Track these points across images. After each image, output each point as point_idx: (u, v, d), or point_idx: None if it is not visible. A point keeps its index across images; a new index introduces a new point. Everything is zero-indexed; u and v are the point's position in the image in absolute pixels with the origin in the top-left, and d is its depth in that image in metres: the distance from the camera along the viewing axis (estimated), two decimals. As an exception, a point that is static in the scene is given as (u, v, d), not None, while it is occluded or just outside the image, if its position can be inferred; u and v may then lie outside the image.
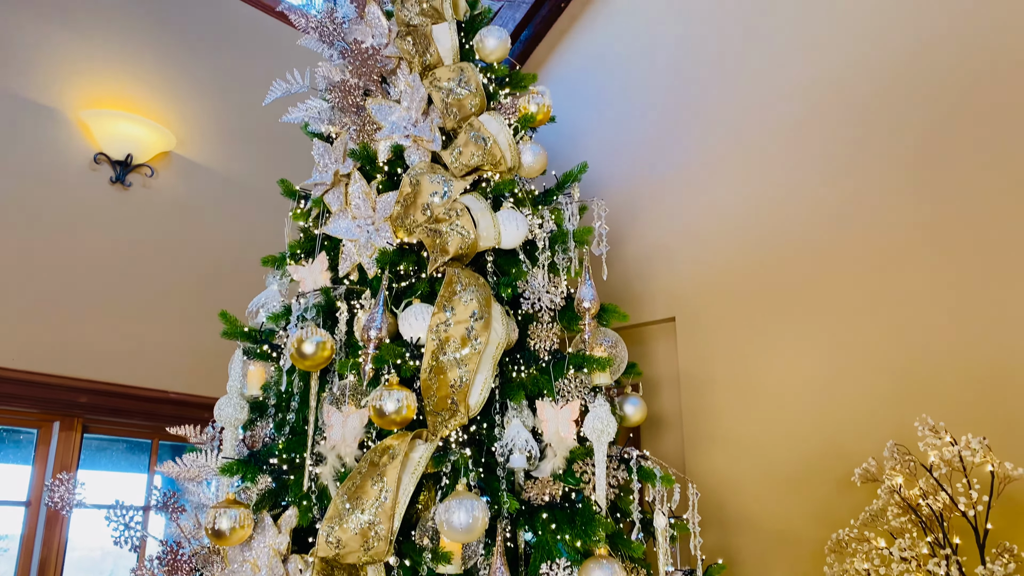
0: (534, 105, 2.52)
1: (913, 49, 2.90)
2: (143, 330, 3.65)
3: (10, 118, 3.38)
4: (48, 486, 2.09)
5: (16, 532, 3.30)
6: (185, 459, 2.21)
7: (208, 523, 1.92)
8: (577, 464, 2.13)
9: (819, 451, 2.88)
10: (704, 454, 3.28)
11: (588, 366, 2.24)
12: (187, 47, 4.01)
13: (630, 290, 3.67)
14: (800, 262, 3.09)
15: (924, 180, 2.77)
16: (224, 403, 2.16)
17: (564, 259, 2.40)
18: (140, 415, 3.66)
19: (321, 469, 2.03)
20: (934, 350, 2.61)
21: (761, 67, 3.39)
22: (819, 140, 3.13)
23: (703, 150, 3.55)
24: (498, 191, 2.35)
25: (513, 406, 2.18)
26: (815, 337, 2.98)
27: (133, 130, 3.65)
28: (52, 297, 3.39)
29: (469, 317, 2.04)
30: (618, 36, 4.04)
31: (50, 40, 3.54)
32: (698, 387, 3.38)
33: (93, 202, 3.59)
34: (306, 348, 2.04)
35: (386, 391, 1.93)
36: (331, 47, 2.51)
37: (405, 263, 2.26)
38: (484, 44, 2.58)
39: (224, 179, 4.04)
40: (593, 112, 4.05)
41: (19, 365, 3.28)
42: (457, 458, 1.95)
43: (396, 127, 2.36)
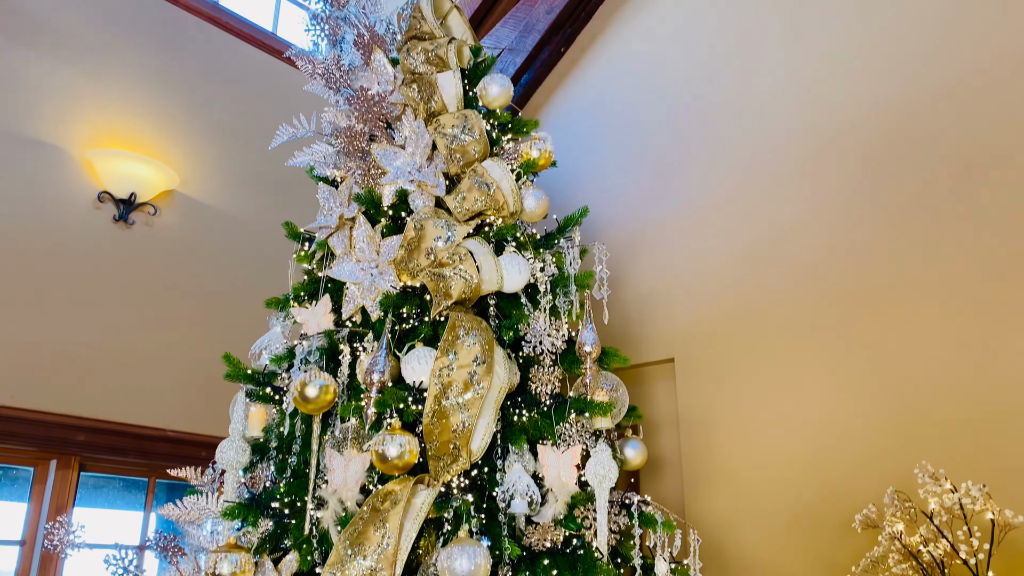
0: (536, 151, 2.57)
1: (914, 96, 2.95)
2: (142, 368, 3.64)
3: (17, 156, 3.41)
4: (47, 528, 2.08)
5: (10, 570, 3.26)
6: (185, 501, 2.20)
7: (209, 568, 1.91)
8: (578, 509, 2.13)
9: (819, 495, 2.87)
10: (704, 496, 3.28)
11: (590, 410, 2.25)
12: (192, 88, 4.06)
13: (629, 331, 3.69)
14: (799, 306, 3.12)
15: (923, 229, 2.81)
16: (226, 446, 2.16)
17: (565, 302, 2.42)
18: (137, 453, 3.64)
19: (322, 513, 2.02)
20: (934, 395, 2.62)
21: (759, 113, 3.45)
22: (817, 186, 3.17)
23: (702, 194, 3.59)
24: (501, 235, 2.38)
25: (514, 450, 2.19)
26: (814, 381, 3.00)
27: (137, 169, 3.69)
28: (52, 334, 3.39)
29: (472, 361, 2.05)
30: (617, 80, 4.11)
31: (58, 79, 3.58)
32: (697, 429, 3.39)
33: (95, 240, 3.61)
34: (309, 392, 2.05)
35: (389, 436, 1.94)
36: (337, 93, 2.55)
37: (408, 306, 2.28)
38: (487, 91, 2.63)
39: (227, 219, 4.07)
40: (592, 155, 4.11)
41: (17, 403, 3.27)
42: (459, 504, 1.95)
43: (401, 172, 2.39)
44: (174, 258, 3.85)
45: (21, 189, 3.40)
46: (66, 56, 3.63)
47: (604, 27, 4.20)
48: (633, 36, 4.08)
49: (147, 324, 3.69)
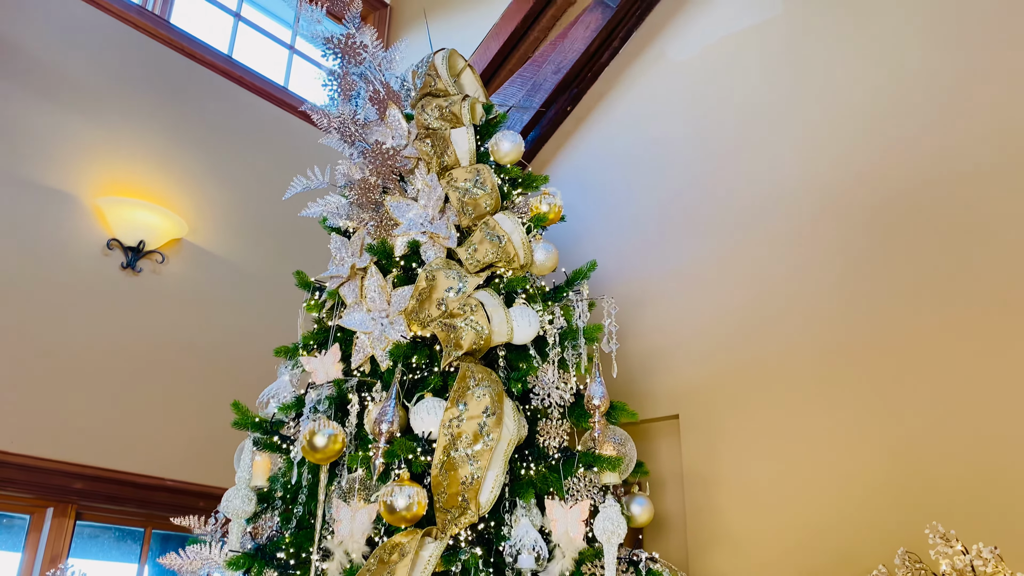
0: (546, 205, 2.61)
1: (911, 161, 3.02)
2: (143, 416, 3.63)
3: (28, 202, 3.46)
4: None
5: (0, 624, 3.20)
6: (188, 551, 2.18)
7: (210, 620, 1.88)
8: (586, 566, 2.11)
9: (827, 558, 2.84)
10: (708, 556, 3.23)
11: (598, 465, 2.24)
12: (203, 138, 4.14)
13: (634, 386, 3.69)
14: (802, 364, 3.12)
15: (929, 285, 2.84)
16: (232, 495, 2.15)
17: (574, 355, 2.43)
18: (135, 503, 3.60)
19: (328, 565, 2.00)
20: (943, 456, 2.61)
21: (760, 175, 3.51)
22: (818, 246, 3.21)
23: (706, 251, 3.63)
24: (511, 287, 2.40)
25: (522, 504, 2.17)
26: (819, 440, 2.99)
27: (146, 217, 3.73)
28: (54, 380, 3.38)
29: (481, 412, 2.05)
30: (621, 139, 4.19)
31: (71, 128, 3.65)
32: (702, 486, 3.36)
33: (103, 287, 3.63)
34: (317, 441, 2.05)
35: (397, 487, 1.93)
36: (352, 146, 2.61)
37: (418, 356, 2.29)
38: (499, 147, 2.69)
39: (233, 268, 4.10)
40: (598, 210, 4.16)
41: (16, 449, 3.25)
42: (467, 557, 1.93)
43: (413, 224, 2.43)
44: (180, 306, 3.86)
45: (31, 234, 3.44)
46: (79, 105, 3.71)
47: (609, 88, 4.30)
48: (637, 98, 4.18)
49: (150, 372, 3.69)
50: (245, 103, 4.39)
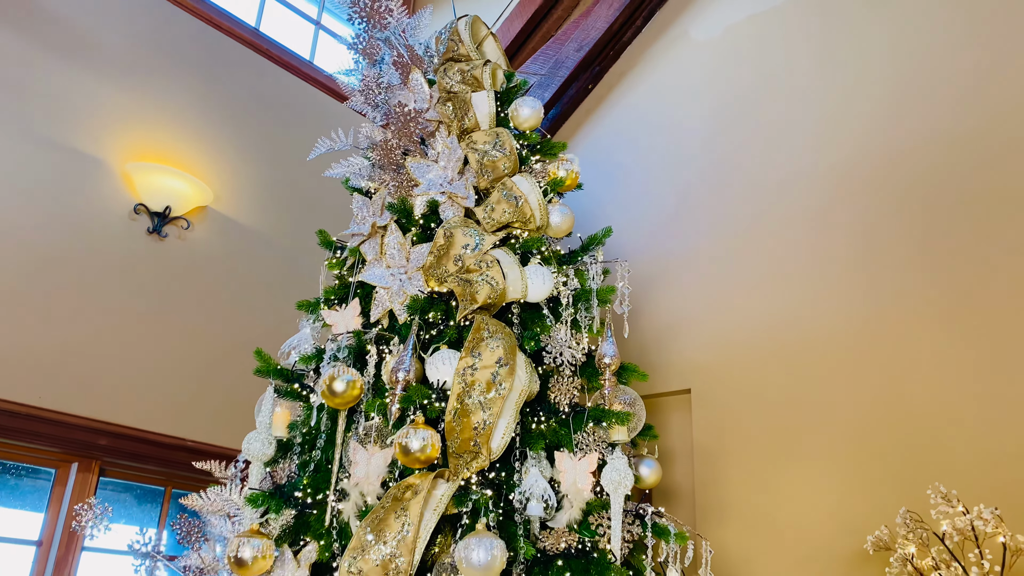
0: (563, 171, 2.69)
1: (930, 141, 3.06)
2: (166, 377, 3.75)
3: (61, 167, 3.58)
4: (77, 509, 2.16)
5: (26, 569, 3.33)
6: (209, 492, 2.28)
7: (231, 551, 1.98)
8: (593, 516, 2.19)
9: (833, 528, 2.90)
10: (716, 527, 3.30)
11: (607, 420, 2.32)
12: (229, 109, 4.25)
13: (646, 360, 3.75)
14: (816, 338, 3.18)
15: (938, 263, 2.89)
16: (253, 437, 2.25)
17: (586, 317, 2.51)
18: (156, 461, 3.72)
19: (343, 505, 2.10)
20: (947, 420, 2.67)
21: (777, 153, 3.56)
22: (839, 225, 3.26)
23: (722, 229, 3.69)
24: (526, 247, 2.48)
25: (532, 455, 2.26)
26: (828, 412, 3.05)
27: (173, 183, 3.85)
28: (82, 339, 3.51)
29: (495, 363, 2.14)
30: (642, 118, 4.25)
31: (104, 95, 3.77)
32: (712, 459, 3.42)
33: (129, 250, 3.75)
34: (337, 386, 2.14)
35: (412, 429, 2.02)
36: (375, 109, 2.70)
37: (434, 311, 2.38)
38: (519, 112, 2.77)
39: (255, 236, 4.22)
40: (616, 187, 4.23)
41: (44, 404, 3.38)
42: (478, 498, 2.02)
43: (433, 184, 2.52)
44: (203, 272, 3.98)
45: (62, 197, 3.56)
46: (113, 74, 3.83)
47: (631, 66, 4.36)
48: (659, 77, 4.24)
49: (174, 334, 3.81)
50: (271, 75, 4.49)
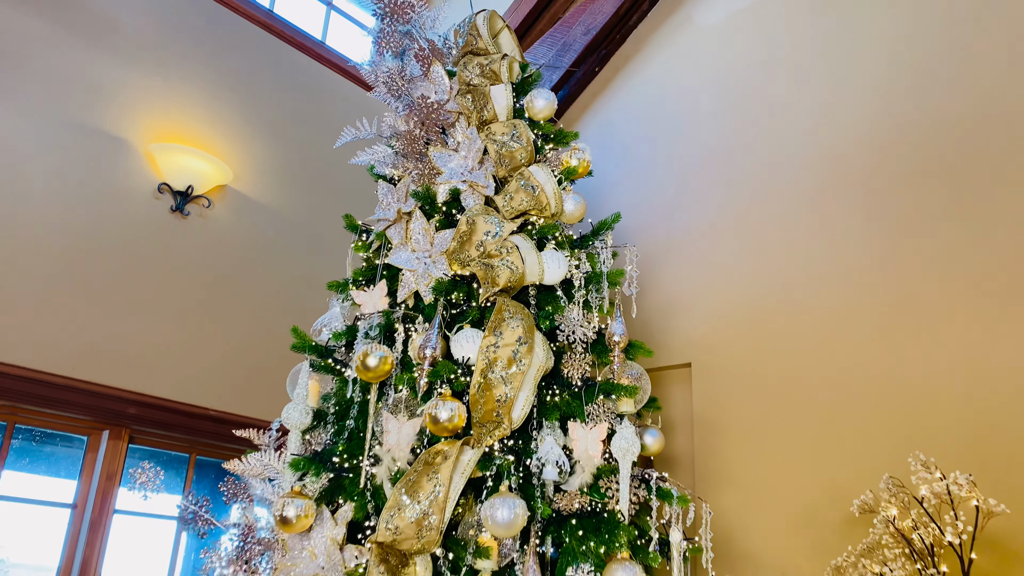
0: (575, 160, 2.89)
1: (923, 123, 3.26)
2: (191, 350, 3.97)
3: (88, 148, 3.77)
4: (132, 473, 2.38)
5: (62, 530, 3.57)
6: (250, 458, 2.51)
7: (276, 510, 2.22)
8: (603, 480, 2.42)
9: (822, 492, 3.15)
10: (714, 494, 3.55)
11: (616, 393, 2.55)
12: (247, 90, 4.43)
13: (649, 335, 3.98)
14: (809, 314, 3.41)
15: (925, 244, 3.10)
16: (291, 408, 2.48)
17: (597, 298, 2.72)
18: (182, 429, 3.95)
19: (377, 469, 2.33)
20: (930, 391, 2.90)
21: (779, 135, 3.76)
22: (830, 206, 3.47)
23: (723, 209, 3.90)
24: (542, 233, 2.69)
25: (548, 425, 2.49)
26: (820, 385, 3.28)
27: (195, 163, 4.03)
28: (111, 313, 3.72)
29: (515, 341, 2.36)
30: (647, 100, 4.43)
31: (128, 78, 3.95)
32: (711, 430, 3.66)
33: (154, 228, 3.95)
34: (370, 361, 2.36)
35: (441, 401, 2.24)
36: (397, 100, 2.88)
37: (457, 293, 2.59)
38: (534, 104, 2.96)
39: (273, 213, 4.41)
40: (622, 167, 4.43)
41: (76, 374, 3.59)
42: (501, 463, 2.25)
43: (454, 173, 2.72)
44: (224, 249, 4.19)
45: (90, 177, 3.75)
46: (137, 57, 4.00)
47: (638, 49, 4.53)
48: (664, 60, 4.41)
49: (197, 309, 4.02)
50: (285, 56, 4.66)
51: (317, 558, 2.26)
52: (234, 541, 2.27)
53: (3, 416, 3.50)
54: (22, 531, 3.54)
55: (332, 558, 2.23)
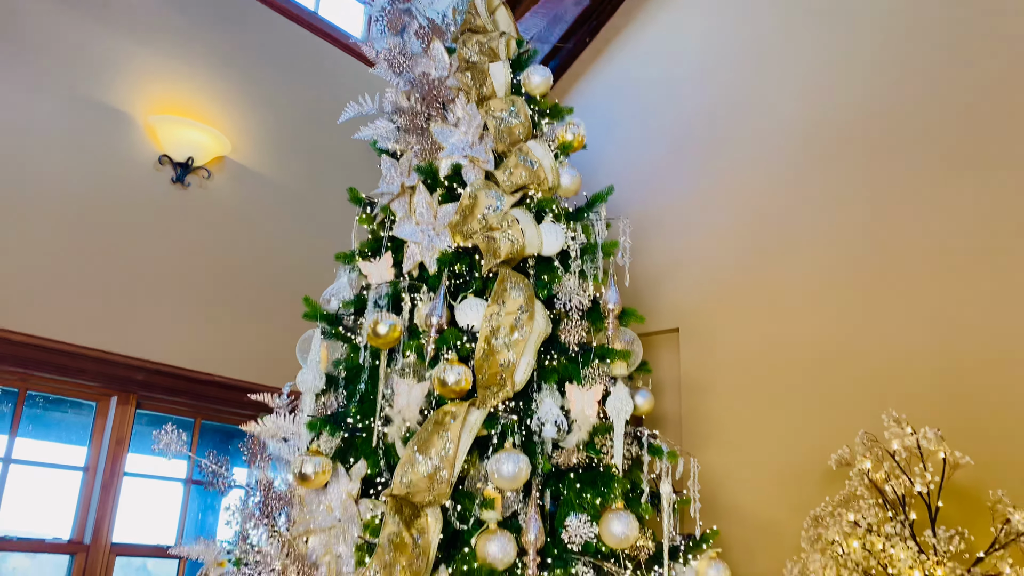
0: (571, 134, 3.04)
1: (907, 90, 3.43)
2: (195, 317, 4.11)
3: (88, 120, 3.86)
4: (156, 434, 2.54)
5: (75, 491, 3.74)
6: (265, 420, 2.68)
7: (295, 468, 2.40)
8: (598, 437, 2.62)
9: (802, 449, 3.37)
10: (701, 451, 3.76)
11: (610, 357, 2.74)
12: (244, 63, 4.52)
13: (639, 302, 4.17)
14: (792, 283, 3.60)
15: (902, 211, 3.29)
16: (305, 373, 2.65)
17: (592, 268, 2.90)
18: (188, 395, 4.11)
19: (388, 429, 2.51)
20: (903, 356, 3.12)
21: (765, 106, 3.92)
22: (811, 176, 3.65)
23: (709, 178, 4.07)
24: (540, 207, 2.86)
25: (547, 388, 2.68)
26: (801, 346, 3.49)
27: (194, 135, 4.14)
28: (117, 281, 3.84)
29: (517, 310, 2.53)
30: (637, 71, 4.57)
31: (127, 51, 4.03)
32: (697, 391, 3.88)
33: (156, 199, 4.07)
34: (380, 328, 2.53)
35: (448, 366, 2.42)
36: (399, 76, 3.01)
37: (460, 264, 2.76)
38: (530, 80, 3.10)
39: (270, 183, 4.54)
40: (611, 138, 4.58)
41: (85, 342, 3.73)
42: (506, 422, 2.44)
43: (456, 148, 2.87)
44: (224, 218, 4.31)
45: (92, 149, 3.85)
46: (137, 31, 4.09)
47: (628, 21, 4.66)
48: (653, 31, 4.55)
49: (200, 278, 4.16)
50: (279, 28, 4.74)
51: (334, 511, 2.44)
52: (255, 497, 2.45)
53: (16, 383, 3.65)
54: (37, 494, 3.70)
55: (348, 511, 2.41)
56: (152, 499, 4.16)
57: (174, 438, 2.50)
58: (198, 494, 4.39)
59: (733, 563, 3.40)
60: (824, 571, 2.60)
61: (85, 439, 3.86)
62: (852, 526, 2.60)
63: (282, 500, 2.46)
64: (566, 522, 2.47)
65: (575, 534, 2.44)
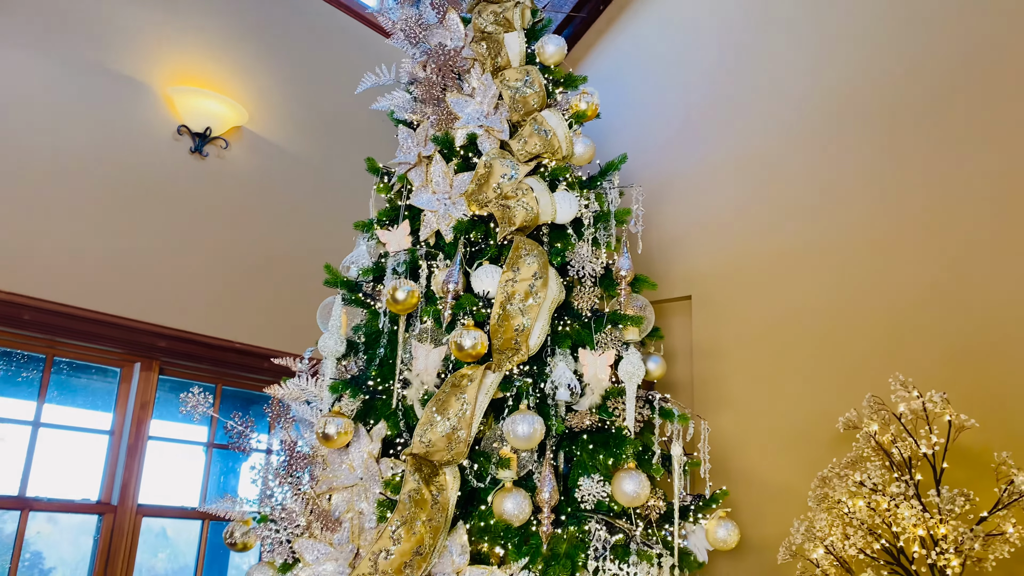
0: (584, 103, 3.10)
1: (925, 66, 3.46)
2: (215, 285, 4.22)
3: (108, 91, 3.95)
4: (183, 397, 2.66)
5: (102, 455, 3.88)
6: (288, 383, 2.78)
7: (319, 428, 2.50)
8: (611, 401, 2.71)
9: (811, 414, 3.46)
10: (712, 416, 3.86)
11: (622, 322, 2.82)
12: (261, 34, 4.59)
13: (651, 270, 4.25)
14: (802, 251, 3.67)
15: (908, 179, 3.34)
16: (326, 338, 2.75)
17: (605, 235, 2.97)
18: (209, 361, 4.23)
19: (407, 391, 2.61)
20: (910, 321, 3.19)
21: (779, 75, 3.96)
22: (828, 145, 3.70)
23: (723, 148, 4.12)
24: (554, 175, 2.93)
25: (560, 352, 2.77)
26: (809, 315, 3.56)
27: (212, 106, 4.22)
28: (139, 250, 3.95)
29: (531, 276, 2.62)
30: (650, 40, 4.60)
31: (146, 22, 4.11)
32: (709, 358, 3.96)
33: (175, 168, 4.16)
34: (399, 294, 2.63)
35: (465, 331, 2.51)
36: (415, 46, 3.08)
37: (476, 232, 2.84)
38: (544, 49, 3.16)
39: (286, 153, 4.63)
40: (625, 108, 4.62)
41: (110, 309, 3.85)
42: (520, 385, 2.54)
43: (471, 118, 2.94)
44: (242, 188, 4.40)
45: (113, 120, 3.95)
46: (155, 2, 4.15)
47: (641, -11, 4.68)
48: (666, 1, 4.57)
49: (218, 246, 4.26)
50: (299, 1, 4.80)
51: (355, 470, 2.56)
52: (280, 457, 2.57)
53: (43, 349, 3.78)
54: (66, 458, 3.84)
55: (369, 469, 2.52)
56: (175, 463, 4.31)
57: (200, 400, 2.61)
58: (220, 458, 4.54)
59: (743, 525, 3.50)
60: (830, 530, 2.70)
61: (110, 405, 4.00)
62: (858, 486, 2.69)
63: (306, 460, 2.57)
64: (579, 482, 2.57)
65: (588, 493, 2.55)
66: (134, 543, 3.83)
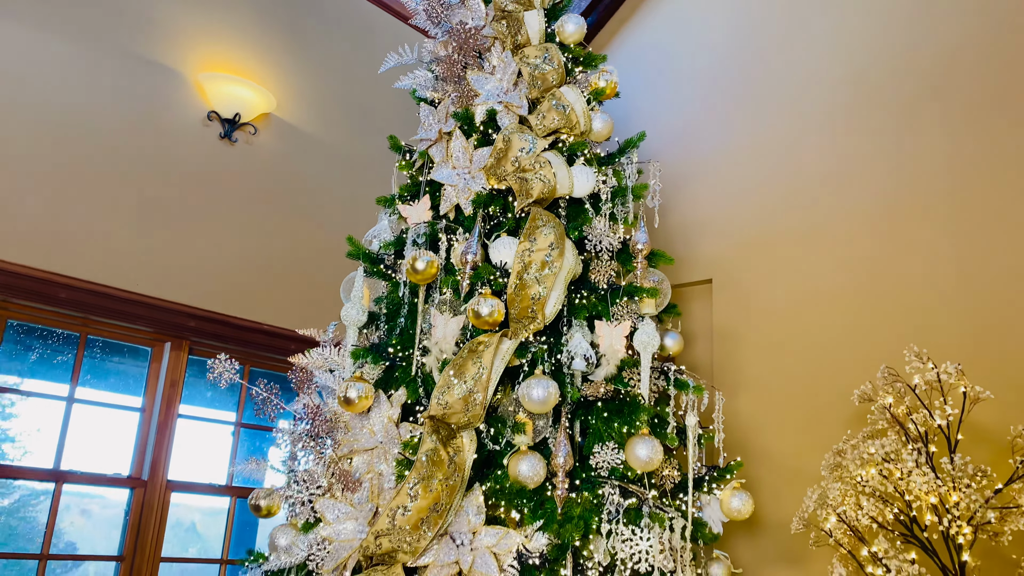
0: (603, 81, 3.18)
1: (937, 44, 3.50)
2: (243, 268, 4.36)
3: (141, 77, 4.10)
4: (211, 365, 2.77)
5: (133, 431, 4.03)
6: (312, 352, 2.89)
7: (341, 392, 2.61)
8: (626, 371, 2.78)
9: (828, 395, 3.49)
10: (731, 399, 3.90)
11: (639, 294, 2.89)
12: (290, 22, 4.73)
13: (673, 253, 4.28)
14: (822, 233, 3.71)
15: (926, 160, 3.37)
16: (349, 308, 2.86)
17: (623, 211, 3.05)
18: (236, 342, 4.36)
19: (426, 359, 2.71)
20: (925, 292, 3.22)
21: (801, 60, 4.00)
22: (848, 126, 3.73)
23: (745, 131, 4.17)
24: (572, 150, 3.01)
25: (576, 323, 2.84)
26: (827, 294, 3.60)
27: (241, 92, 4.36)
28: (169, 232, 4.10)
29: (548, 247, 2.70)
30: (673, 25, 4.67)
31: (179, 11, 4.26)
32: (730, 340, 4.01)
33: (205, 154, 4.31)
34: (419, 265, 2.72)
35: (482, 299, 2.60)
36: (436, 26, 3.18)
37: (494, 205, 2.93)
38: (564, 28, 3.24)
39: (312, 139, 4.76)
40: (648, 92, 4.69)
41: (143, 290, 3.99)
42: (536, 350, 2.62)
43: (491, 94, 3.03)
44: (269, 173, 4.54)
45: (145, 106, 4.10)
46: (185, -12, 4.32)
47: (664, -25, 4.74)
48: (691, -16, 4.63)
49: (248, 230, 4.40)
50: (321, -13, 4.94)
51: (376, 434, 2.65)
52: (304, 422, 2.67)
53: (77, 327, 3.93)
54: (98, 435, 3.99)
55: (389, 433, 2.62)
56: (204, 443, 4.45)
57: (227, 366, 2.73)
58: (247, 438, 4.67)
59: (760, 504, 3.56)
60: (844, 499, 2.74)
61: (140, 387, 4.14)
62: (871, 456, 2.73)
63: (328, 424, 2.67)
64: (594, 449, 2.64)
65: (603, 460, 2.62)
66: (164, 516, 3.96)
